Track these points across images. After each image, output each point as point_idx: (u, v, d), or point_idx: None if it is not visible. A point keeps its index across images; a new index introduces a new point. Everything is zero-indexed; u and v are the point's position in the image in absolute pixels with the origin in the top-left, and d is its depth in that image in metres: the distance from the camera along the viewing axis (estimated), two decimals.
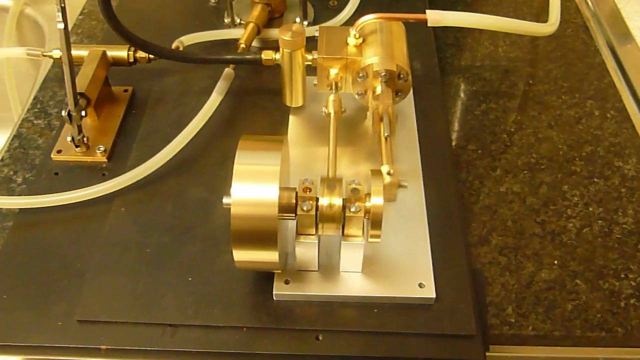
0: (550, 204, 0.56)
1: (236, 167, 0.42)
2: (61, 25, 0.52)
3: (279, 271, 0.46)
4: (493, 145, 0.61)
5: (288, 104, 0.59)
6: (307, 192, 0.43)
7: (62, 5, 0.51)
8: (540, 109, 0.65)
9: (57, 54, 0.61)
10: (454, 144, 0.61)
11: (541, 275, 0.51)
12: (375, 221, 0.43)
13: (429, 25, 0.51)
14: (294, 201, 0.43)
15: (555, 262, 0.52)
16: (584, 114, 0.64)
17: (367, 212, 0.43)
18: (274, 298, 0.47)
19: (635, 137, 0.62)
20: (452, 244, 0.50)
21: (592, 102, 0.66)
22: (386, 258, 0.48)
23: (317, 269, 0.47)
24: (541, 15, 0.78)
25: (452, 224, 0.52)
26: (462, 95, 0.67)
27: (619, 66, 0.72)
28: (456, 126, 0.64)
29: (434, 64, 0.66)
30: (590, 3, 0.82)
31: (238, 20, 0.69)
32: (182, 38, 0.64)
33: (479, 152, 0.61)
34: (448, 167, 0.56)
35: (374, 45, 0.53)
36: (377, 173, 0.44)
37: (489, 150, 0.61)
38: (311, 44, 0.57)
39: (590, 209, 0.56)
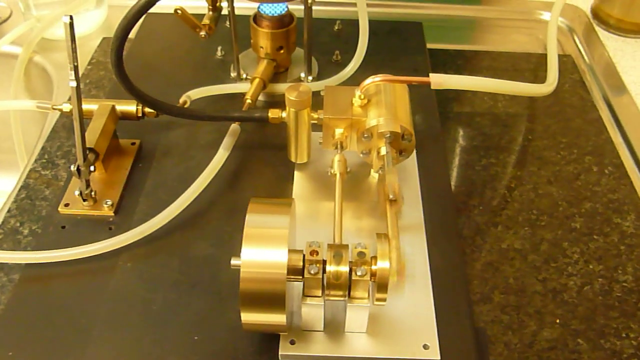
0: (551, 261, 0.57)
1: (246, 230, 0.43)
2: (73, 84, 0.53)
3: (286, 333, 0.46)
4: (494, 201, 0.62)
5: (293, 160, 0.60)
6: (314, 256, 0.44)
7: (75, 64, 0.53)
8: (540, 165, 0.66)
9: (66, 107, 0.62)
10: (455, 199, 0.62)
11: (543, 334, 0.52)
12: (381, 285, 0.43)
13: (432, 88, 0.53)
14: (302, 264, 0.44)
15: (557, 320, 0.53)
16: (582, 170, 0.66)
17: (373, 275, 0.44)
18: (280, 358, 0.47)
19: (633, 194, 0.63)
20: (455, 303, 0.51)
21: (591, 157, 0.67)
22: (391, 317, 0.49)
23: (322, 329, 0.48)
24: (539, 71, 0.80)
25: (455, 282, 0.52)
26: (463, 150, 0.68)
27: (615, 121, 0.74)
28: (457, 181, 0.65)
29: (436, 119, 0.68)
30: (586, 57, 0.84)
31: (244, 75, 0.70)
32: (190, 93, 0.65)
33: (480, 207, 0.62)
34: (451, 225, 0.57)
35: (379, 106, 0.54)
36: (382, 237, 0.45)
37: (490, 206, 0.62)
38: (315, 97, 0.58)
39: (591, 266, 0.57)
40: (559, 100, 0.74)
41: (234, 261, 0.43)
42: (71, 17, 0.50)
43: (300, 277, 0.44)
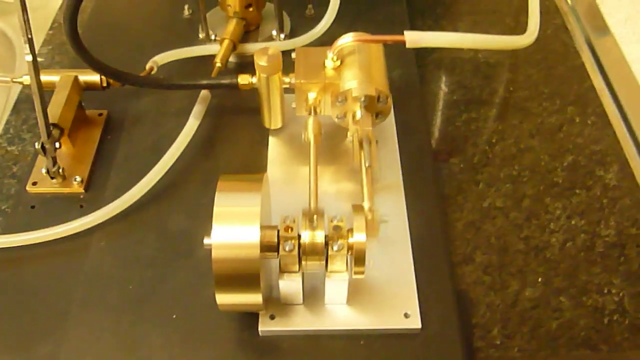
0: (533, 218, 0.56)
1: (216, 209, 0.42)
2: (29, 58, 0.50)
3: (263, 311, 0.46)
4: (475, 158, 0.61)
5: (267, 126, 0.58)
6: (289, 232, 0.43)
7: (29, 36, 0.50)
8: (522, 117, 0.65)
9: (27, 80, 0.59)
10: (435, 157, 0.61)
11: (525, 294, 0.51)
12: (358, 258, 0.42)
13: (407, 47, 0.50)
14: (276, 240, 0.43)
15: (540, 279, 0.52)
16: (565, 121, 0.64)
17: (350, 248, 0.43)
18: (260, 334, 0.46)
19: (616, 144, 0.62)
20: (436, 268, 0.50)
21: (573, 108, 0.65)
22: (371, 287, 0.48)
23: (301, 302, 0.47)
24: (520, 15, 0.77)
25: (436, 246, 0.52)
26: (443, 104, 0.66)
27: (598, 66, 0.72)
28: (438, 138, 0.63)
29: (414, 74, 0.66)
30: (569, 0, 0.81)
31: (213, 36, 0.67)
32: (156, 58, 0.62)
33: (461, 165, 0.60)
34: (431, 186, 0.56)
35: (353, 68, 0.52)
36: (358, 208, 0.44)
37: (472, 163, 0.60)
38: (288, 58, 0.56)
39: (573, 221, 0.56)
40: (541, 47, 0.72)
41: (206, 240, 0.42)
42: None
43: (276, 254, 0.43)
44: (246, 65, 0.64)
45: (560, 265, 0.53)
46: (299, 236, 0.43)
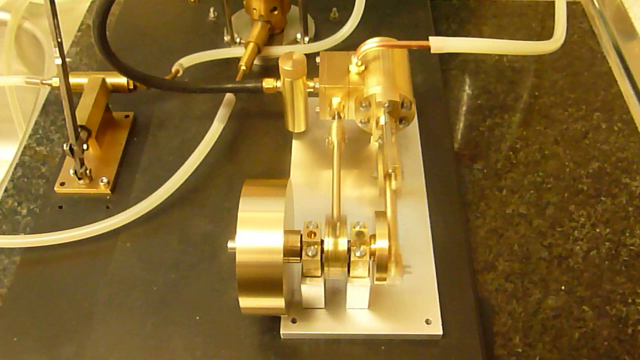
0: (557, 226, 0.56)
1: (240, 214, 0.42)
2: (59, 61, 0.51)
3: (285, 315, 0.46)
4: (499, 164, 0.61)
5: (290, 129, 0.58)
6: (312, 237, 0.43)
7: (59, 40, 0.51)
8: (547, 123, 0.64)
9: (56, 82, 0.60)
10: (459, 162, 0.61)
11: (548, 302, 0.51)
12: (380, 264, 0.43)
13: (432, 52, 0.50)
14: (299, 245, 0.43)
15: (562, 287, 0.52)
16: (590, 128, 0.63)
17: (372, 254, 0.43)
18: (282, 337, 0.47)
19: None
20: (458, 275, 0.50)
21: (599, 114, 0.65)
22: (392, 293, 0.48)
23: (323, 306, 0.47)
24: (546, 19, 0.76)
25: (458, 252, 0.52)
26: (466, 110, 0.66)
27: (626, 71, 0.71)
28: (461, 144, 0.63)
29: (438, 79, 0.66)
30: (596, 3, 0.80)
31: (238, 39, 0.68)
32: (182, 60, 0.63)
33: (485, 171, 0.60)
34: (454, 192, 0.56)
35: (377, 73, 0.52)
36: (381, 215, 0.44)
37: (495, 169, 0.60)
38: (312, 61, 0.56)
39: (598, 230, 0.55)
40: (568, 52, 0.71)
41: (230, 244, 0.43)
42: None
43: (299, 259, 0.43)
44: (271, 68, 0.65)
45: (583, 274, 0.53)
46: (322, 242, 0.43)
